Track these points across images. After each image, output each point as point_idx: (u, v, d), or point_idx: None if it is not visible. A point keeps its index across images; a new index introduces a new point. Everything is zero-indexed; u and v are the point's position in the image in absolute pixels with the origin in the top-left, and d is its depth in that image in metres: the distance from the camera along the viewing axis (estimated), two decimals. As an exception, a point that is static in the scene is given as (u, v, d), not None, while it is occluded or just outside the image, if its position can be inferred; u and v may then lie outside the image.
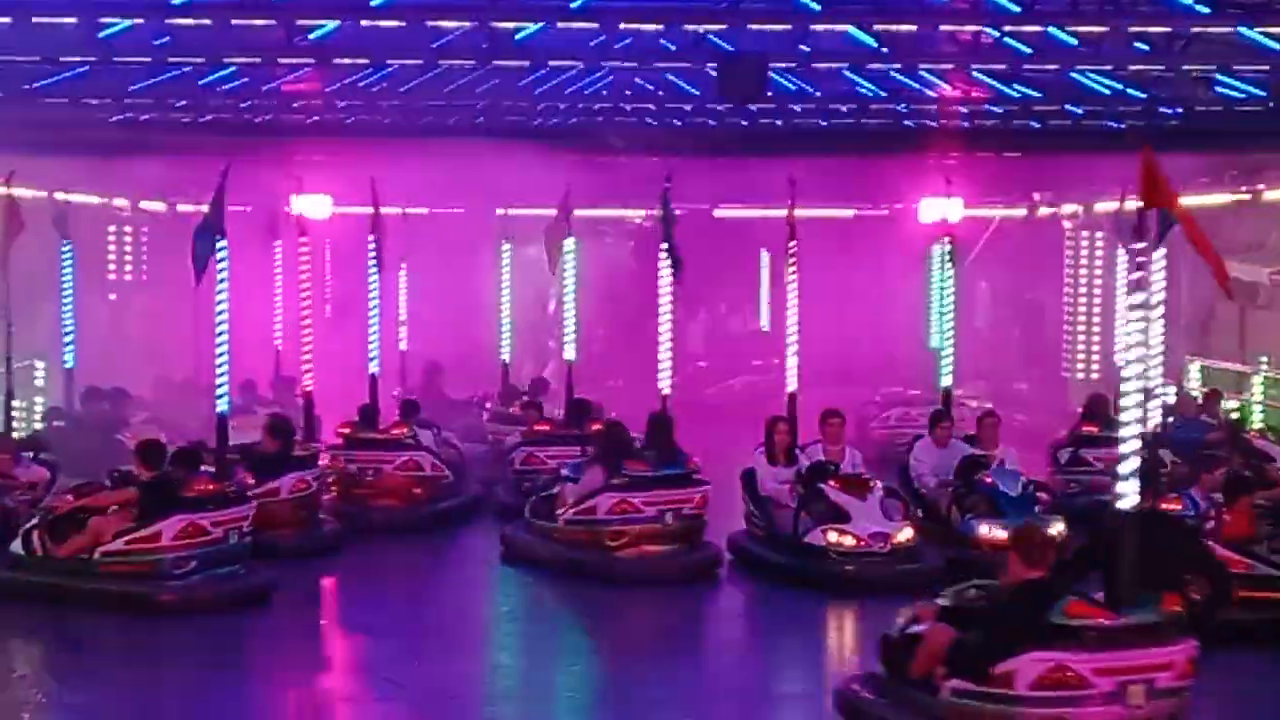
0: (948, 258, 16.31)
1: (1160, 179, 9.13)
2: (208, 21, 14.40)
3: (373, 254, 17.68)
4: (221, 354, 14.48)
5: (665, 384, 15.78)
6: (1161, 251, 11.92)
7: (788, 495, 14.29)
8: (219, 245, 14.30)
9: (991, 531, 13.84)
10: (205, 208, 14.50)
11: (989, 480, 14.32)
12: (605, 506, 14.30)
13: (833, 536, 13.53)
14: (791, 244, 15.72)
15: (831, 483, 13.93)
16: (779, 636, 12.99)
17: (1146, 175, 9.19)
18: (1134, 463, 8.57)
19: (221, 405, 14.52)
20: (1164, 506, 12.21)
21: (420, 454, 16.41)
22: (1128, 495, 8.63)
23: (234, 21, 14.34)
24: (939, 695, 8.57)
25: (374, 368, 17.23)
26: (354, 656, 12.02)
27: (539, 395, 19.61)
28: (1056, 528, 13.49)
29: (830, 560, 13.45)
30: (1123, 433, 8.74)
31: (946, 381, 17.06)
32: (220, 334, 14.49)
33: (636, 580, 14.00)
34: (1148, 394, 19.94)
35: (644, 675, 11.32)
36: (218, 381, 14.51)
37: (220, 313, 14.48)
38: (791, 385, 15.46)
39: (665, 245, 16.20)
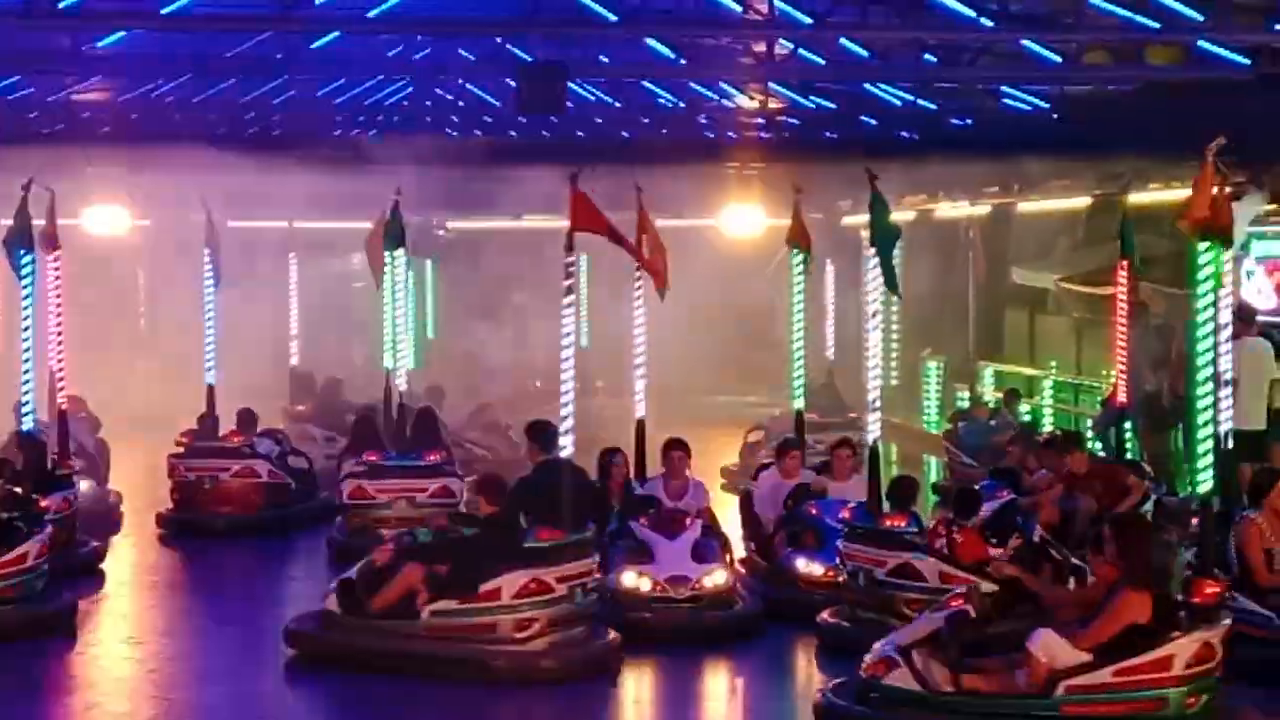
0: (801, 266, 14.74)
1: (588, 207, 11.08)
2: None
3: (208, 267, 17.32)
4: (26, 372, 14.21)
5: (401, 382, 16.48)
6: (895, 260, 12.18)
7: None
8: (25, 260, 14.08)
9: (809, 566, 12.33)
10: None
11: (813, 510, 12.71)
12: (345, 492, 15.15)
13: (629, 579, 11.71)
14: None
15: (643, 519, 12.23)
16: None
17: (574, 204, 11.00)
18: (570, 422, 10.93)
19: (27, 423, 14.26)
20: (887, 522, 11.49)
21: (257, 462, 16.60)
22: (567, 448, 10.98)
23: (18, 30, 14.01)
24: (420, 618, 10.46)
25: (210, 379, 17.10)
26: (145, 675, 11.68)
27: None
28: None
29: (625, 606, 11.59)
30: (562, 405, 11.00)
31: (798, 404, 14.55)
32: (25, 351, 14.24)
33: None
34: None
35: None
36: (22, 399, 14.24)
37: (25, 330, 14.24)
38: (640, 411, 13.49)
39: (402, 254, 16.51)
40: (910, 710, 8.65)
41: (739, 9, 15.35)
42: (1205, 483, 9.97)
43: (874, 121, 20.09)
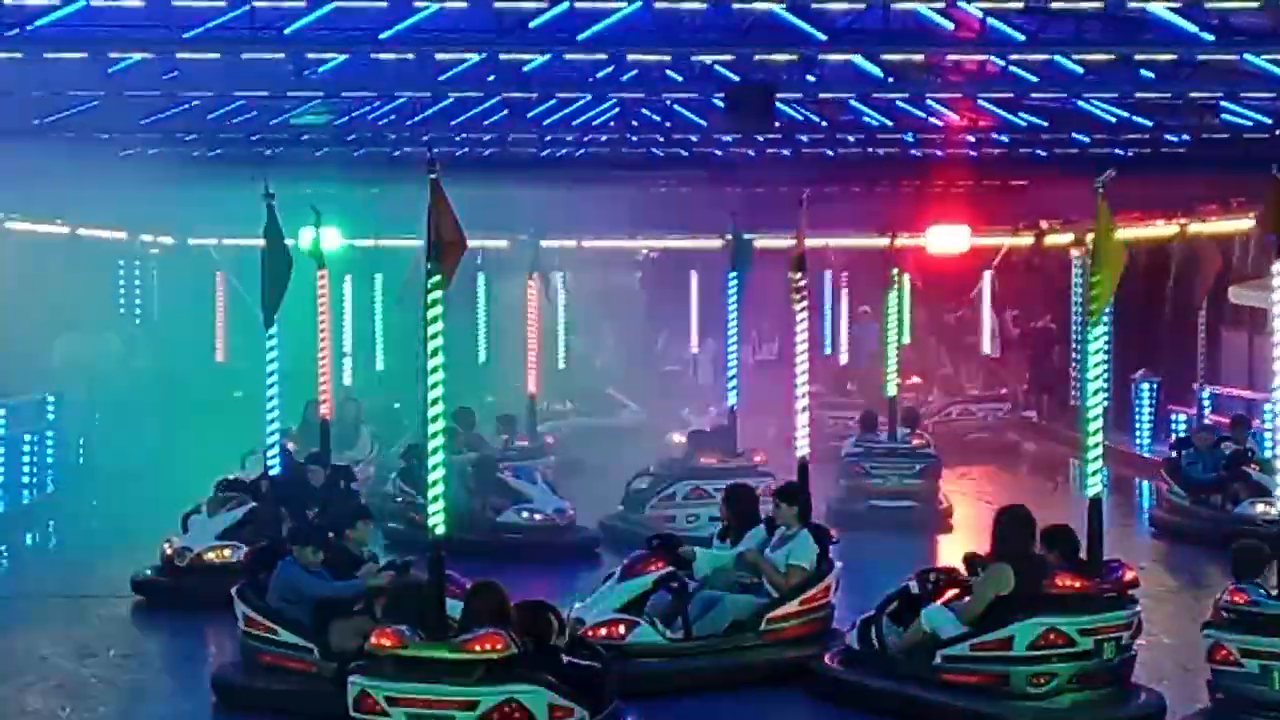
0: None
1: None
2: (216, 56, 14.50)
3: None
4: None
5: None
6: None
7: None
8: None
9: None
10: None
11: None
12: None
13: None
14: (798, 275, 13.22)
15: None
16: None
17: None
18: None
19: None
20: None
21: None
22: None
23: (244, 56, 14.44)
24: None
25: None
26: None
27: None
28: None
29: None
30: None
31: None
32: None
33: None
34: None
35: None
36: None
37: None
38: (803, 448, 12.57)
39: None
40: (860, 665, 10.43)
41: (950, 25, 15.15)
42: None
43: (1086, 139, 19.70)
